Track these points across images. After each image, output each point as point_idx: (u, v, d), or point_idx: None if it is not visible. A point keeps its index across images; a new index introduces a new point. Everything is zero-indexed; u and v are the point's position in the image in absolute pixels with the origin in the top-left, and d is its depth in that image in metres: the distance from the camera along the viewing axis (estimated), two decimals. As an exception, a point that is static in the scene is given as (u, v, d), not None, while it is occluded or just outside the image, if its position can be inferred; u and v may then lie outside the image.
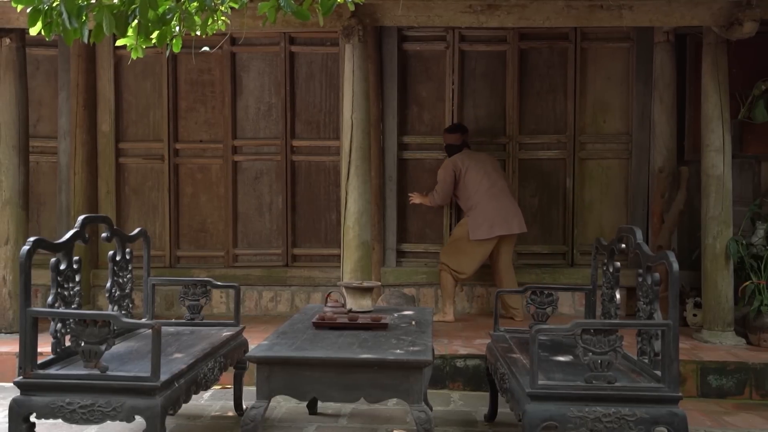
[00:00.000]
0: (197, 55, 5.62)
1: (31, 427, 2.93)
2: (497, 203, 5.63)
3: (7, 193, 5.28)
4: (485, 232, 5.58)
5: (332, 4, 3.01)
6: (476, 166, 5.72)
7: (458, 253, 5.70)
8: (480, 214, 5.61)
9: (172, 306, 6.18)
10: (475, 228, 5.60)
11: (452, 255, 5.72)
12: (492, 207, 5.60)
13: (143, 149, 6.40)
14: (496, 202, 5.62)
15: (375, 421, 3.98)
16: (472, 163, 5.73)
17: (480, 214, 5.61)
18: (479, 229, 5.59)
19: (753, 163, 6.06)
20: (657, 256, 3.04)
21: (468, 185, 5.71)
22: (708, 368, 4.54)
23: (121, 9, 2.93)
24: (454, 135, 5.91)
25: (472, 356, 4.66)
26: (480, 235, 5.59)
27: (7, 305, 5.28)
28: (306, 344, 3.14)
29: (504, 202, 5.66)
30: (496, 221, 5.60)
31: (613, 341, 2.84)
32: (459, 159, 5.77)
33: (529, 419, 2.82)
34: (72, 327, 2.96)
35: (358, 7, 4.57)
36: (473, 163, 5.74)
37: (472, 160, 5.76)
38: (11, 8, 4.80)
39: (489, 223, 5.59)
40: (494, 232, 5.61)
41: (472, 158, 5.79)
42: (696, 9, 4.89)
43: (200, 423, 3.96)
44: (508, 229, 5.64)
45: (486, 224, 5.59)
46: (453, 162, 5.78)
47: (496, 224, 5.60)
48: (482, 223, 5.59)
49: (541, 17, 4.95)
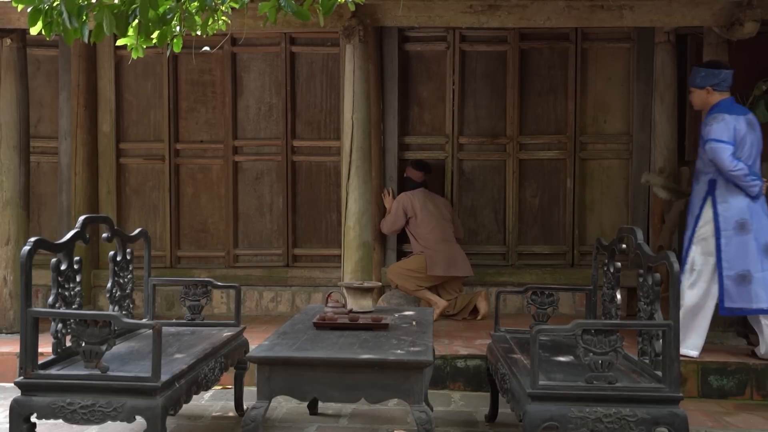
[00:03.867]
0: (198, 55, 5.64)
1: (31, 428, 2.93)
2: (449, 251, 5.86)
3: (8, 194, 5.28)
4: (442, 270, 5.81)
5: (333, 4, 3.01)
6: (429, 212, 5.90)
7: (410, 280, 5.85)
8: (437, 255, 5.82)
9: (173, 306, 6.18)
10: (432, 265, 5.80)
11: (403, 279, 5.85)
12: (447, 253, 5.84)
13: (144, 149, 6.40)
14: (448, 250, 5.86)
15: (376, 421, 3.98)
16: (425, 207, 5.90)
17: (437, 255, 5.82)
18: (436, 267, 5.80)
19: (754, 163, 6.05)
20: (658, 257, 3.04)
21: (420, 227, 5.91)
22: (709, 369, 4.53)
23: (122, 9, 2.93)
24: (419, 173, 6.02)
25: (473, 356, 4.66)
26: (437, 272, 5.82)
27: (7, 305, 5.28)
28: (307, 344, 3.13)
29: (454, 249, 5.90)
30: (452, 263, 5.84)
31: (613, 341, 2.83)
32: (411, 200, 5.92)
33: (530, 419, 2.82)
34: (73, 327, 2.96)
35: (359, 8, 4.57)
36: (427, 208, 5.91)
37: (426, 205, 5.92)
38: (12, 8, 4.81)
39: (446, 264, 5.82)
40: (450, 272, 5.85)
41: (427, 202, 5.94)
42: (697, 9, 4.89)
43: (201, 423, 3.95)
44: (463, 272, 5.88)
45: (443, 264, 5.81)
46: (405, 201, 5.92)
47: (452, 266, 5.84)
48: (439, 262, 5.81)
49: (542, 17, 4.95)
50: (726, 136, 4.46)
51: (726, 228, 4.51)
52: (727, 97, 4.64)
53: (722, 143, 4.45)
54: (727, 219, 4.52)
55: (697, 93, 4.71)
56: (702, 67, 4.71)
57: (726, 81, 4.61)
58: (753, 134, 4.59)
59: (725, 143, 4.45)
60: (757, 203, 4.55)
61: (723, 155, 4.43)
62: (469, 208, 6.38)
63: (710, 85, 4.62)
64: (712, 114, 4.59)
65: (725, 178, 4.51)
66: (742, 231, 4.50)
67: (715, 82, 4.60)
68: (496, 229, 6.38)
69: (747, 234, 4.50)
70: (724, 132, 4.47)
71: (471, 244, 6.28)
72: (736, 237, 4.50)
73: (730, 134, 4.47)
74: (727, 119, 4.51)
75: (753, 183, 4.48)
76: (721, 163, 4.46)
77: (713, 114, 4.59)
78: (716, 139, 4.47)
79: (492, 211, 6.38)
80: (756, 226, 4.51)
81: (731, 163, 4.43)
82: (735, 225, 4.51)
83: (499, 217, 6.37)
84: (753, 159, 4.58)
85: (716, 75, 4.59)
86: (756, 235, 4.52)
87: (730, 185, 4.52)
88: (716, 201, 4.55)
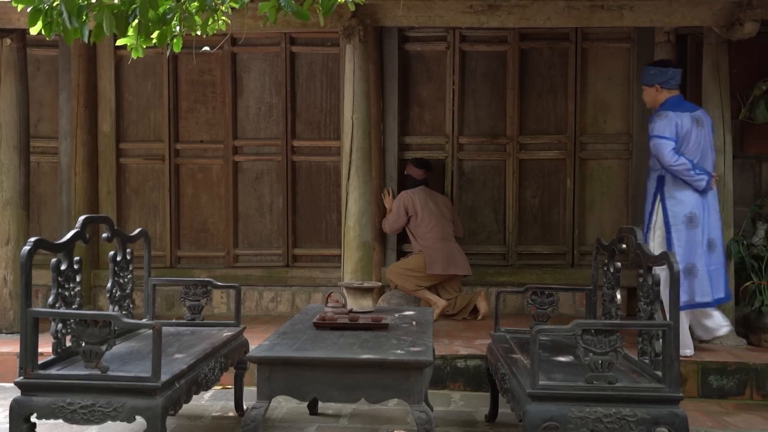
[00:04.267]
0: (198, 55, 5.64)
1: (31, 428, 2.93)
2: (448, 249, 5.87)
3: (8, 194, 5.28)
4: (441, 268, 5.82)
5: (333, 4, 3.01)
6: (430, 211, 5.91)
7: (409, 279, 5.86)
8: (436, 254, 5.83)
9: (173, 306, 6.18)
10: (431, 264, 5.81)
11: (402, 279, 5.86)
12: (445, 252, 5.85)
13: (144, 149, 6.40)
14: (447, 249, 5.87)
15: (376, 421, 3.98)
16: (426, 206, 5.90)
17: (436, 254, 5.83)
18: (435, 265, 5.81)
19: (754, 163, 6.05)
20: (658, 257, 3.04)
21: (420, 225, 5.92)
22: (709, 369, 4.53)
23: (122, 9, 2.93)
24: (420, 171, 6.03)
25: (473, 356, 4.66)
26: (436, 270, 5.82)
27: (7, 305, 5.28)
28: (307, 344, 3.13)
29: (454, 248, 5.91)
30: (450, 262, 5.85)
31: (613, 341, 2.83)
32: (412, 198, 5.92)
33: (530, 419, 2.82)
34: (73, 327, 2.96)
35: (359, 8, 4.57)
36: (428, 206, 5.91)
37: (427, 204, 5.91)
38: (12, 8, 4.81)
39: (445, 262, 5.82)
40: (449, 270, 5.85)
41: (427, 200, 5.94)
42: (697, 9, 4.89)
43: (201, 423, 3.95)
44: (462, 270, 5.89)
45: (442, 263, 5.82)
46: (405, 200, 5.93)
47: (451, 264, 5.85)
48: (438, 261, 5.82)
49: (542, 17, 4.95)
50: (668, 132, 4.59)
51: (676, 223, 4.63)
52: (675, 95, 4.76)
53: (663, 139, 4.58)
54: (677, 214, 4.63)
55: (647, 91, 4.84)
56: (652, 66, 4.84)
57: (674, 79, 4.73)
58: (700, 130, 4.69)
59: (667, 139, 4.58)
60: (708, 198, 4.68)
61: (665, 150, 4.56)
62: (469, 208, 6.38)
63: (659, 83, 4.74)
64: (657, 111, 4.72)
65: (672, 174, 4.62)
66: (691, 225, 4.62)
67: (664, 80, 4.72)
68: (496, 229, 6.38)
69: (696, 228, 4.61)
70: (666, 128, 4.60)
71: (471, 244, 6.28)
72: (686, 231, 4.61)
73: (673, 130, 4.60)
74: (670, 116, 4.63)
75: (698, 177, 4.59)
76: (662, 158, 4.59)
77: (658, 111, 4.71)
78: (658, 135, 4.61)
79: (492, 211, 6.38)
80: (704, 221, 4.64)
81: (672, 158, 4.55)
82: (684, 219, 4.62)
83: (499, 217, 6.37)
84: (701, 154, 4.68)
85: (664, 73, 4.71)
86: (703, 229, 4.65)
87: (678, 181, 4.63)
88: (665, 197, 4.67)
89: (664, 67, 4.77)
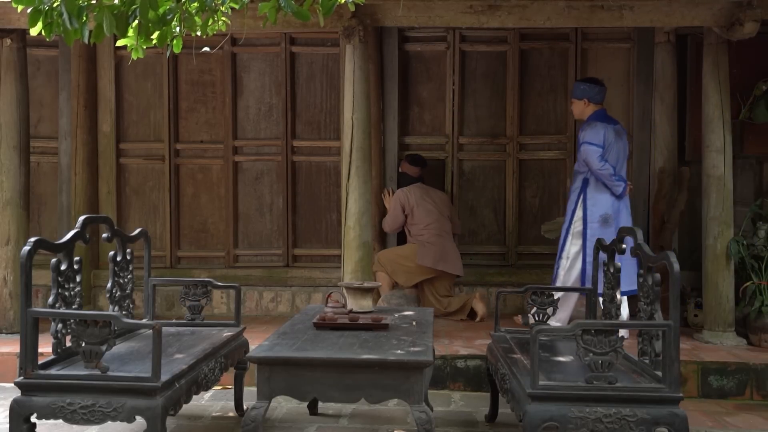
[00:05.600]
0: (198, 55, 5.63)
1: (31, 428, 2.92)
2: (442, 245, 5.88)
3: (8, 194, 5.28)
4: (431, 262, 5.83)
5: (333, 4, 3.01)
6: (426, 209, 5.90)
7: (401, 267, 5.89)
8: (430, 247, 5.84)
9: (173, 306, 6.18)
10: (422, 255, 5.82)
11: (394, 265, 5.88)
12: (439, 247, 5.85)
13: (144, 150, 6.40)
14: (441, 245, 5.87)
15: (376, 421, 3.98)
16: (422, 203, 5.90)
17: (430, 247, 5.84)
18: (426, 258, 5.82)
19: (754, 163, 6.06)
20: (658, 257, 3.04)
21: (416, 223, 5.92)
22: (709, 369, 4.54)
23: (122, 9, 2.93)
24: (415, 168, 6.03)
25: (473, 357, 4.66)
26: (426, 262, 5.83)
27: (7, 305, 5.28)
28: (307, 345, 3.13)
29: (448, 245, 5.91)
30: (442, 258, 5.85)
31: (613, 342, 2.83)
32: (408, 195, 5.93)
33: (530, 420, 2.82)
34: (73, 327, 2.96)
35: (359, 8, 4.57)
36: (424, 204, 5.91)
37: (423, 201, 5.91)
38: (12, 9, 4.80)
39: (437, 257, 5.83)
40: (438, 266, 5.85)
41: (424, 197, 5.94)
42: (697, 9, 4.89)
43: (201, 423, 3.96)
44: (452, 269, 5.90)
45: (433, 257, 5.83)
46: (401, 197, 5.93)
47: (443, 261, 5.85)
48: (430, 254, 5.83)
49: (542, 18, 4.95)
50: (597, 140, 5.08)
51: (592, 221, 5.12)
52: (600, 109, 5.27)
53: (594, 146, 5.07)
54: (594, 213, 5.12)
55: (576, 103, 5.34)
56: (581, 82, 5.37)
57: (600, 95, 5.27)
58: (620, 142, 5.21)
59: (596, 146, 5.07)
60: (621, 202, 5.17)
61: (593, 156, 5.05)
62: (469, 208, 6.38)
63: (587, 98, 5.26)
64: (588, 121, 5.20)
65: (596, 177, 5.11)
66: (605, 225, 5.09)
67: (592, 95, 5.24)
68: (496, 229, 6.38)
69: (609, 227, 5.05)
70: (596, 136, 5.09)
71: (471, 244, 6.29)
72: (600, 229, 5.04)
73: (600, 139, 5.09)
74: (598, 126, 5.13)
75: (617, 183, 5.10)
76: (591, 162, 5.07)
77: (589, 121, 5.19)
78: (589, 142, 5.09)
79: (492, 211, 6.38)
80: (617, 222, 5.08)
81: (599, 162, 5.05)
82: (600, 219, 5.11)
83: (499, 217, 6.37)
84: (619, 164, 5.19)
85: (592, 89, 5.25)
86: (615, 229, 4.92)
87: (599, 184, 5.13)
88: (587, 197, 5.16)
89: (593, 84, 5.29)
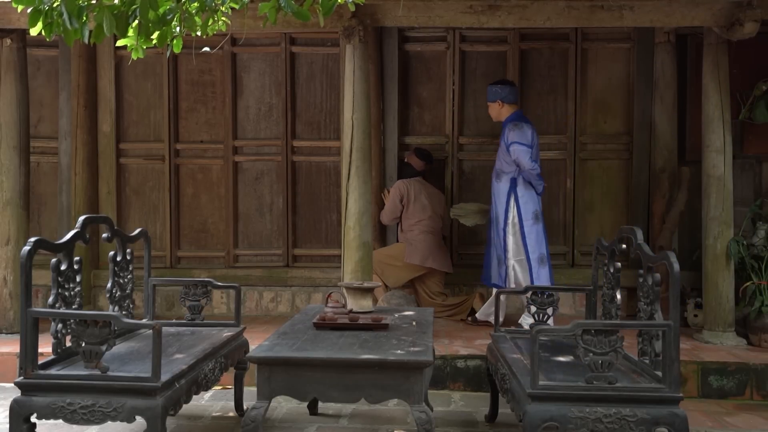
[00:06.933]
0: (198, 55, 5.63)
1: (31, 428, 2.93)
2: (430, 243, 5.91)
3: (8, 194, 5.28)
4: (419, 259, 5.85)
5: (333, 4, 3.01)
6: (421, 204, 5.92)
7: (389, 267, 5.90)
8: (417, 245, 5.87)
9: (173, 306, 6.18)
10: (410, 253, 5.85)
11: (383, 266, 5.87)
12: (427, 244, 5.89)
13: (144, 150, 6.40)
14: (429, 242, 5.91)
15: (376, 421, 3.98)
16: (419, 198, 5.92)
17: (417, 245, 5.87)
18: (414, 256, 5.84)
19: (754, 163, 6.06)
20: (658, 257, 3.04)
21: (409, 216, 5.95)
22: (709, 369, 4.54)
23: (122, 9, 2.93)
24: (421, 162, 6.04)
25: (473, 357, 4.66)
26: (414, 260, 5.86)
27: (8, 306, 5.28)
28: (307, 345, 3.14)
29: (436, 243, 5.95)
30: (430, 255, 5.88)
31: (613, 342, 2.83)
32: (407, 187, 5.94)
33: (530, 420, 2.82)
34: (73, 327, 2.96)
35: (359, 8, 4.57)
36: (420, 199, 5.93)
37: (420, 196, 5.93)
38: (12, 9, 4.81)
39: (425, 254, 5.86)
40: (427, 263, 5.88)
41: (421, 192, 5.95)
42: (697, 9, 4.89)
43: (201, 423, 3.96)
44: (440, 266, 5.93)
45: (421, 254, 5.85)
46: (401, 188, 5.94)
47: (429, 258, 5.88)
48: (418, 252, 5.85)
49: (542, 18, 4.95)
50: (525, 140, 5.23)
51: (527, 218, 5.29)
52: (517, 110, 5.44)
53: (524, 146, 5.21)
54: (527, 211, 5.29)
55: (491, 106, 5.48)
56: (494, 85, 5.48)
57: (512, 95, 5.41)
58: (537, 141, 5.41)
59: (526, 146, 5.22)
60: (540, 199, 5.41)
61: (525, 156, 5.20)
62: (469, 208, 6.37)
63: (500, 99, 5.39)
64: (512, 122, 5.32)
65: (523, 177, 5.28)
66: (537, 221, 5.33)
67: (503, 95, 5.38)
68: (496, 229, 6.37)
69: (540, 223, 5.33)
70: (524, 137, 5.23)
71: (471, 244, 6.28)
72: (534, 226, 5.30)
73: (529, 139, 5.25)
74: (525, 127, 5.29)
75: (541, 182, 5.35)
76: (522, 162, 5.21)
77: (513, 122, 5.32)
78: (519, 142, 5.22)
79: (492, 211, 6.37)
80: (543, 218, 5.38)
81: (530, 162, 5.22)
82: (532, 216, 5.31)
83: (499, 217, 6.36)
84: (538, 162, 5.36)
85: (504, 90, 5.38)
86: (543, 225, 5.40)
87: (526, 183, 5.30)
88: (518, 196, 5.30)
89: (503, 84, 5.43)
